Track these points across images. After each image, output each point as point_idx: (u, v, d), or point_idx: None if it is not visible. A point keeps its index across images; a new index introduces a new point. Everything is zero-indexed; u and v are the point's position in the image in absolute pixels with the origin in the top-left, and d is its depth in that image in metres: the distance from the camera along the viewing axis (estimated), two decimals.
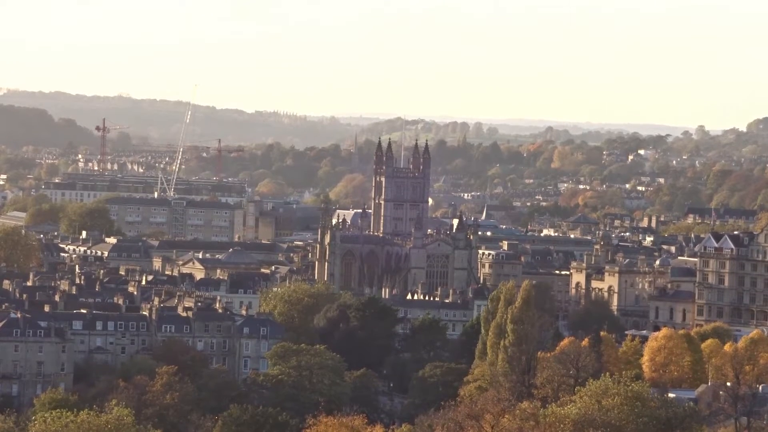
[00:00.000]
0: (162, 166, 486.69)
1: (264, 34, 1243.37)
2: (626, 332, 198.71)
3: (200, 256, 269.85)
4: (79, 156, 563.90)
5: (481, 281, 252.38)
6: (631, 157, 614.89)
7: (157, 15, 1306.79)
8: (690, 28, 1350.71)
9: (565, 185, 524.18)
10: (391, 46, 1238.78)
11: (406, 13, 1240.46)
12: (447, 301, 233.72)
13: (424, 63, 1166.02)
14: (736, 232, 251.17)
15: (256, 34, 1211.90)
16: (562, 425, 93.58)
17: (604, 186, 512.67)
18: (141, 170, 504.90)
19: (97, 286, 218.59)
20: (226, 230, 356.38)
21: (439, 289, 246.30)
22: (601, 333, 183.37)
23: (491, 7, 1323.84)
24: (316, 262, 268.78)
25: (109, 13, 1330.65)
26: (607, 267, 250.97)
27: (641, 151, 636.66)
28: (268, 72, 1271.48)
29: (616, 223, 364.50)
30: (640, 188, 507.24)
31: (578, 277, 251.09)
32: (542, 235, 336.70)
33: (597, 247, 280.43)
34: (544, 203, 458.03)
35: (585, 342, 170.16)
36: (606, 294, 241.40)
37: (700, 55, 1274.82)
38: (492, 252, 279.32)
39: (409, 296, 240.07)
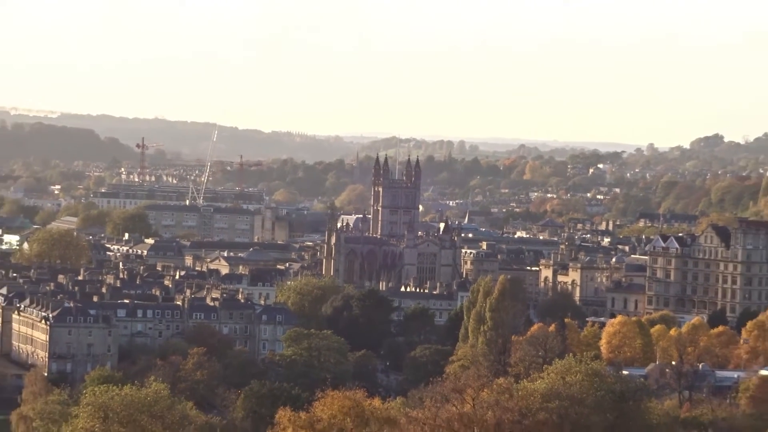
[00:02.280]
0: (192, 178, 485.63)
1: (278, 63, 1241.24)
2: (587, 319, 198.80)
3: (225, 255, 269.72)
4: (122, 169, 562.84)
5: (464, 276, 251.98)
6: (591, 171, 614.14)
7: (187, 47, 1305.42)
8: (642, 59, 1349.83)
9: (535, 194, 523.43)
10: (387, 75, 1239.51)
11: (401, 48, 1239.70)
12: (435, 292, 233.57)
13: (416, 90, 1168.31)
14: (680, 234, 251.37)
15: (273, 63, 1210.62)
16: (532, 398, 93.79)
17: (569, 195, 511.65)
18: (174, 181, 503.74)
19: (137, 280, 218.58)
20: (247, 232, 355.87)
21: (428, 282, 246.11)
22: (566, 320, 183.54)
23: (473, 44, 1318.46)
24: (324, 260, 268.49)
25: (147, 48, 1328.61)
26: (570, 264, 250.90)
27: (600, 165, 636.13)
28: (282, 97, 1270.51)
29: (579, 226, 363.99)
30: (599, 197, 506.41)
31: (546, 273, 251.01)
32: (515, 236, 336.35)
33: (562, 246, 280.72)
34: (517, 209, 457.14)
35: (552, 327, 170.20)
36: (570, 287, 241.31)
37: (652, 82, 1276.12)
38: (473, 251, 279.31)
39: (402, 288, 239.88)
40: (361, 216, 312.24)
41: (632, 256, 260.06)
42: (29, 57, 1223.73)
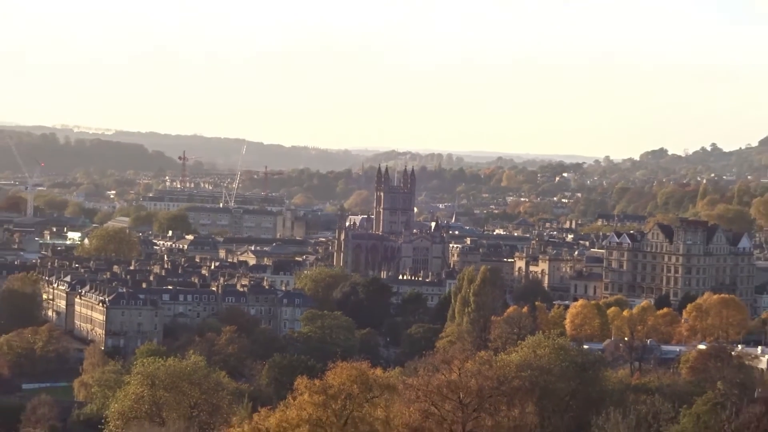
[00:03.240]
0: (225, 184, 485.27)
1: (297, 88, 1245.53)
2: (554, 302, 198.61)
3: (252, 249, 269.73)
4: (166, 177, 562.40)
5: (451, 266, 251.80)
6: (557, 179, 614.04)
7: (220, 74, 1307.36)
8: (600, 84, 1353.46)
9: (511, 198, 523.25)
10: (387, 99, 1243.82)
11: (398, 75, 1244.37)
12: (427, 280, 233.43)
13: (411, 112, 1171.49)
14: (631, 232, 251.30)
15: (292, 88, 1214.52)
16: (508, 368, 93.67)
17: (538, 199, 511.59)
18: (210, 188, 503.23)
19: (179, 270, 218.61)
20: (271, 230, 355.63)
21: (421, 271, 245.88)
22: (536, 303, 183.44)
23: (457, 73, 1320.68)
24: (334, 253, 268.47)
25: (187, 75, 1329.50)
26: (540, 256, 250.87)
27: (565, 174, 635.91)
28: (300, 117, 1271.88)
29: (547, 225, 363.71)
30: (564, 200, 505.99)
31: (520, 263, 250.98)
32: (494, 233, 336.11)
33: (533, 242, 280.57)
34: (496, 211, 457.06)
35: (524, 309, 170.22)
36: (539, 275, 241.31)
37: (608, 104, 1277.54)
38: (459, 245, 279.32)
39: (400, 277, 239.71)
40: (365, 216, 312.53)
41: (591, 249, 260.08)
42: (90, 83, 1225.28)
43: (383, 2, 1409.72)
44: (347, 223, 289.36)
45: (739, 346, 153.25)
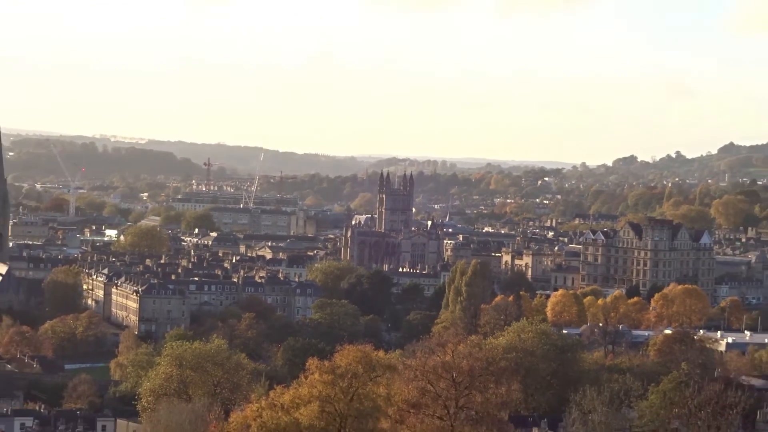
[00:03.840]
0: (245, 187, 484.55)
1: (309, 101, 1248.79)
2: (536, 292, 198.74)
3: (269, 244, 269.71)
4: (193, 181, 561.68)
5: (445, 260, 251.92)
6: (539, 182, 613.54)
7: (238, 87, 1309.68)
8: (578, 97, 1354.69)
9: (498, 200, 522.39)
10: (388, 111, 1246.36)
11: (398, 90, 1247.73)
12: (424, 272, 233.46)
13: (410, 122, 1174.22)
14: (605, 229, 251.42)
15: (305, 101, 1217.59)
16: (496, 350, 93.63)
17: (523, 200, 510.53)
18: (232, 190, 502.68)
19: (204, 263, 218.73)
20: (286, 228, 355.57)
21: (418, 265, 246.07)
22: (521, 293, 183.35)
23: (450, 85, 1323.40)
24: (342, 248, 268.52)
25: (212, 89, 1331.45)
26: (524, 251, 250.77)
27: (546, 179, 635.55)
28: (312, 127, 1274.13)
29: (530, 223, 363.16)
30: (545, 202, 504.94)
31: (506, 258, 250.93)
32: (483, 231, 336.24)
33: (518, 238, 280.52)
34: (485, 211, 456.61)
35: (510, 298, 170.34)
36: (524, 268, 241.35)
37: (585, 116, 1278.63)
38: (452, 241, 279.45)
39: (400, 269, 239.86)
40: (369, 216, 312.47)
41: (570, 245, 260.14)
42: (125, 97, 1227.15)
43: (387, 30, 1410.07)
44: (353, 222, 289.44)
45: (701, 331, 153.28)
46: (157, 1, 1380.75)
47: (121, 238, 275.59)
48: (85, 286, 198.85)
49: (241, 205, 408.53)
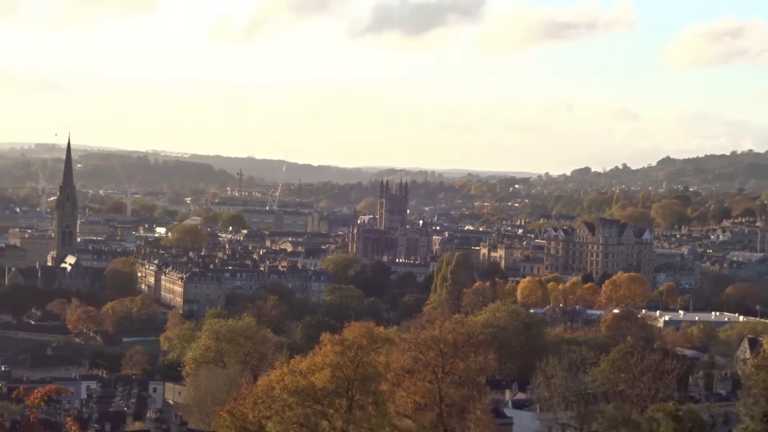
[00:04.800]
0: (270, 193, 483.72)
1: (324, 121, 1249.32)
2: (509, 279, 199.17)
3: (290, 239, 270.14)
4: (228, 188, 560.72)
5: (434, 252, 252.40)
6: (511, 189, 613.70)
7: (265, 109, 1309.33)
8: (543, 118, 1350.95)
9: (477, 203, 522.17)
10: (389, 132, 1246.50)
11: (397, 114, 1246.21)
12: (416, 262, 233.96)
13: (407, 140, 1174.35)
14: (564, 228, 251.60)
15: (320, 121, 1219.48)
16: (475, 326, 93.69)
17: (497, 203, 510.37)
18: (259, 195, 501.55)
19: (236, 255, 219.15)
20: (303, 226, 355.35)
21: (412, 256, 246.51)
22: (496, 279, 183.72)
23: (442, 110, 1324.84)
24: (349, 243, 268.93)
25: (245, 110, 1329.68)
26: (498, 245, 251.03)
27: (516, 186, 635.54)
28: (326, 143, 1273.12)
29: (503, 222, 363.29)
30: (516, 205, 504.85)
31: (484, 250, 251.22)
32: (465, 228, 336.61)
33: (493, 235, 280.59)
34: (466, 212, 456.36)
35: (487, 284, 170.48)
36: (498, 259, 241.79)
37: (548, 135, 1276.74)
38: (439, 237, 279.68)
39: (397, 260, 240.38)
40: (372, 216, 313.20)
41: (536, 240, 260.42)
42: (172, 118, 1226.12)
43: (389, 65, 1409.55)
44: (358, 221, 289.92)
45: (643, 310, 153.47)
46: (201, 42, 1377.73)
47: (169, 234, 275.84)
48: (139, 274, 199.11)
49: (267, 208, 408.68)
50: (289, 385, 53.87)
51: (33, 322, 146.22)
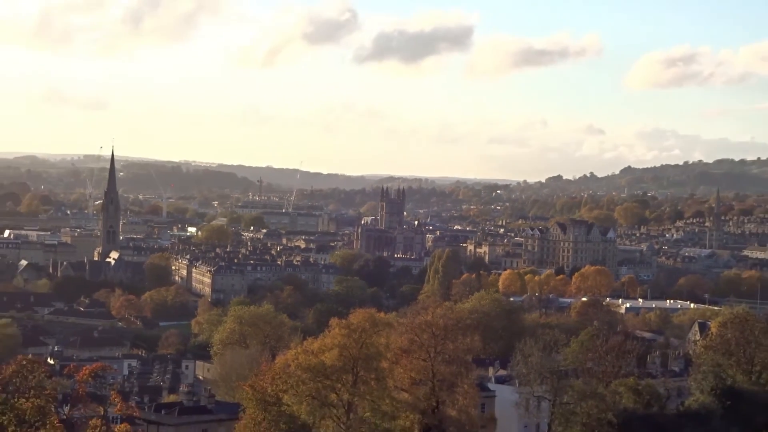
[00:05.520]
0: (286, 198, 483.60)
1: (336, 136, 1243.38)
2: (492, 271, 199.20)
3: (303, 237, 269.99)
4: (249, 193, 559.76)
5: (427, 249, 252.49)
6: (494, 194, 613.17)
7: (284, 126, 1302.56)
8: (521, 134, 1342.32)
9: (465, 206, 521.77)
10: (389, 146, 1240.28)
11: (395, 129, 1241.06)
12: (412, 257, 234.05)
13: (404, 152, 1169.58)
14: (540, 227, 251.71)
15: (330, 138, 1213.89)
16: (462, 312, 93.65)
17: (482, 206, 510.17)
18: (277, 200, 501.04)
19: (257, 251, 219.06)
20: (314, 226, 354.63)
21: (408, 252, 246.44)
22: (481, 272, 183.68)
23: (434, 124, 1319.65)
24: (354, 240, 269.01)
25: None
26: (483, 242, 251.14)
27: (498, 191, 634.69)
28: (335, 155, 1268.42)
29: (487, 223, 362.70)
30: (498, 207, 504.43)
31: (470, 247, 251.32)
32: (454, 228, 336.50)
33: (479, 233, 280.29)
34: (455, 214, 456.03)
35: (473, 276, 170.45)
36: (483, 254, 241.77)
37: (526, 148, 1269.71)
38: (432, 236, 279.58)
39: (395, 255, 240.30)
40: (374, 217, 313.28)
41: (515, 238, 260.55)
42: (202, 134, 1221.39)
43: (387, 88, 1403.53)
44: (362, 222, 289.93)
45: (607, 299, 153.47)
46: (226, 68, 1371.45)
47: (199, 233, 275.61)
48: (173, 267, 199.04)
49: (283, 210, 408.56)
50: (303, 363, 53.88)
51: (82, 309, 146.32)
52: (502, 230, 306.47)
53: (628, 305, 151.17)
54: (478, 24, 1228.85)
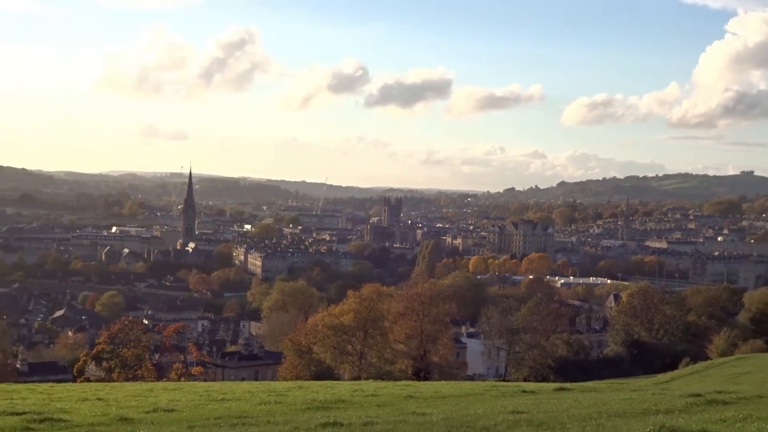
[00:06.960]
0: (316, 204, 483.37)
1: (348, 160, 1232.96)
2: (464, 257, 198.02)
3: (328, 232, 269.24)
4: (289, 201, 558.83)
5: (418, 240, 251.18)
6: (466, 201, 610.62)
7: (311, 150, 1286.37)
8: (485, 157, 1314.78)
9: (445, 210, 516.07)
10: (391, 165, 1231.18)
11: (393, 153, 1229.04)
12: (407, 247, 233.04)
13: (401, 168, 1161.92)
14: (499, 225, 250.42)
15: (346, 160, 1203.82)
16: (443, 286, 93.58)
17: (457, 210, 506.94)
18: (308, 205, 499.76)
19: (295, 242, 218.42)
20: (336, 224, 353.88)
21: (404, 243, 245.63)
22: (456, 258, 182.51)
23: (421, 148, 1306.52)
24: (365, 235, 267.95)
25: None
26: (458, 236, 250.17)
27: (469, 199, 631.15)
28: (351, 172, 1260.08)
29: (461, 222, 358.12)
30: (469, 211, 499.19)
31: (449, 239, 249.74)
32: (437, 226, 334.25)
33: (455, 230, 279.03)
34: (438, 216, 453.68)
35: (451, 261, 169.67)
36: (458, 245, 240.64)
37: (489, 169, 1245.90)
38: (421, 231, 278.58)
39: (395, 246, 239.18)
40: (379, 218, 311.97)
41: (482, 233, 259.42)
42: (256, 153, 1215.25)
43: (392, 124, 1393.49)
44: (371, 221, 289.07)
45: (547, 276, 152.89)
46: (275, 109, 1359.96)
47: (252, 229, 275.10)
48: (234, 254, 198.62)
49: (314, 213, 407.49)
50: (327, 323, 53.99)
51: (168, 284, 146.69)
52: (471, 227, 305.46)
53: (562, 281, 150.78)
54: (455, 78, 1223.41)
